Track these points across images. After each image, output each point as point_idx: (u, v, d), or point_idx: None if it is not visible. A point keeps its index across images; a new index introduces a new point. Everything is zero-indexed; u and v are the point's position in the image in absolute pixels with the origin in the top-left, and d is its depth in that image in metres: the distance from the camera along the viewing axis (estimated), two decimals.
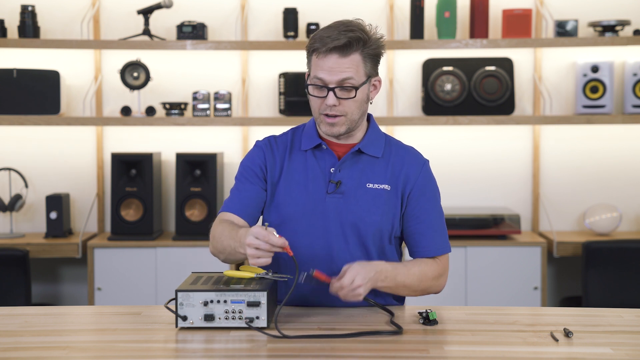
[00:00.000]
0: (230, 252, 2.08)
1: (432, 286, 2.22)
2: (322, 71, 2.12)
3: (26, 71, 4.17)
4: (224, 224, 2.16)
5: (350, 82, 2.13)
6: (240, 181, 2.28)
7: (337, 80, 2.12)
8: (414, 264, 2.20)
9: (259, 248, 1.93)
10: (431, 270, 2.21)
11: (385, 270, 2.10)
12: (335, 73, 2.12)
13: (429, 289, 2.22)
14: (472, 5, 4.23)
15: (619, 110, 4.37)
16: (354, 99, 2.15)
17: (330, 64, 2.11)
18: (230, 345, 1.88)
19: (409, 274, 2.15)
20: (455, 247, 4.04)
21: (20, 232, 4.29)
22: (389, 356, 1.81)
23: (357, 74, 2.13)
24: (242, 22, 4.31)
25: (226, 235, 2.10)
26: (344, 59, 2.11)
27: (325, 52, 2.11)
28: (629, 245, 3.88)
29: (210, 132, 4.41)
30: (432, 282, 2.21)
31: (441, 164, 4.30)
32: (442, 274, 2.24)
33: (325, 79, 2.13)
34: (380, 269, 2.09)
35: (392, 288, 2.14)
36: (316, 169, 2.24)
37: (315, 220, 2.21)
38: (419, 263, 2.21)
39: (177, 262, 4.03)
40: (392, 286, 2.14)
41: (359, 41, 2.12)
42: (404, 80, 4.42)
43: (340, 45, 2.10)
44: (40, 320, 2.09)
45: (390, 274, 2.11)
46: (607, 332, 2.00)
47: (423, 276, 2.18)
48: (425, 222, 2.24)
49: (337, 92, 2.13)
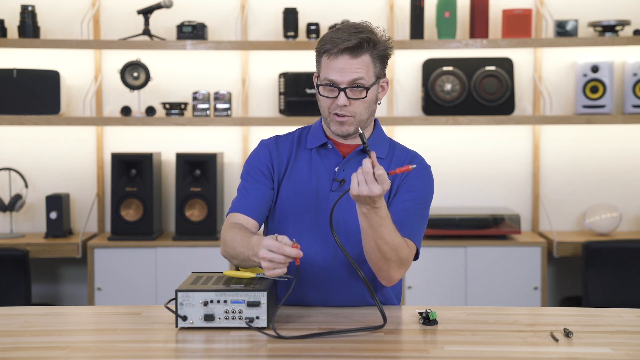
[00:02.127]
0: (244, 259, 2.07)
1: (393, 264, 2.12)
2: (333, 72, 2.14)
3: (26, 71, 4.18)
4: (235, 229, 2.14)
5: (360, 83, 2.14)
6: (247, 180, 2.28)
7: (348, 81, 2.13)
8: (399, 235, 2.11)
9: (273, 260, 1.92)
10: (406, 251, 2.13)
11: (385, 210, 2.03)
12: (346, 74, 2.13)
13: (389, 264, 2.11)
14: (472, 5, 4.23)
15: (619, 110, 4.37)
16: (364, 99, 2.16)
17: (341, 65, 2.13)
18: (230, 345, 1.88)
19: (392, 234, 2.07)
20: (455, 247, 4.05)
21: (20, 232, 4.29)
22: (389, 356, 1.81)
23: (367, 74, 2.15)
24: (242, 22, 4.31)
25: (238, 242, 2.09)
26: (355, 60, 2.13)
27: (336, 53, 2.13)
28: (629, 245, 3.88)
29: (210, 132, 4.41)
30: (397, 260, 2.11)
31: (441, 164, 4.31)
32: (405, 263, 2.15)
33: (336, 79, 2.14)
34: (383, 206, 2.02)
35: (373, 226, 2.04)
36: (321, 167, 2.25)
37: (318, 217, 2.21)
38: (401, 238, 2.12)
39: (177, 262, 4.03)
40: (375, 225, 2.04)
41: (369, 42, 2.13)
42: (404, 80, 4.42)
43: (351, 46, 2.11)
44: (40, 320, 2.09)
45: (384, 216, 2.03)
46: (607, 332, 2.00)
47: (398, 248, 2.10)
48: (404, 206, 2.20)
49: (347, 93, 2.14)
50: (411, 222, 2.20)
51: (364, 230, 2.08)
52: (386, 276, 2.16)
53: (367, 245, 2.10)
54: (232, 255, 2.14)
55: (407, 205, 2.21)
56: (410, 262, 2.19)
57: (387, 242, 2.07)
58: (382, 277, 2.17)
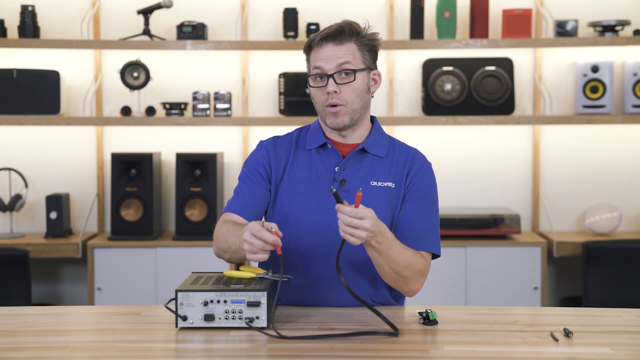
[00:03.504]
0: (235, 250, 2.08)
1: (411, 280, 2.15)
2: (319, 61, 2.18)
3: (26, 71, 4.18)
4: (228, 224, 2.17)
5: (347, 67, 2.17)
6: (244, 182, 2.29)
7: (335, 66, 2.17)
8: (408, 250, 2.13)
9: (252, 244, 1.93)
10: (420, 263, 2.15)
11: (387, 236, 2.04)
12: (332, 60, 2.17)
13: (406, 281, 2.14)
14: (472, 5, 4.23)
15: (619, 110, 4.37)
16: (354, 86, 2.18)
17: (327, 53, 2.18)
18: (230, 345, 1.88)
19: (402, 253, 2.09)
20: (455, 247, 4.04)
21: (20, 232, 4.29)
22: (389, 356, 1.81)
23: (355, 60, 2.19)
24: (242, 22, 4.31)
25: (230, 234, 2.11)
26: (340, 46, 2.18)
27: (319, 42, 2.18)
28: (629, 245, 3.88)
29: (210, 132, 4.41)
30: (414, 275, 2.14)
31: (441, 164, 4.30)
32: (424, 274, 2.18)
33: (323, 66, 2.18)
34: (386, 232, 2.03)
35: (381, 254, 2.05)
36: (320, 167, 2.26)
37: (319, 217, 2.21)
38: (413, 252, 2.15)
39: (177, 262, 4.03)
40: (383, 252, 2.05)
41: (351, 29, 2.18)
42: (404, 80, 4.42)
43: (332, 32, 2.17)
44: (40, 320, 2.09)
45: (388, 242, 2.04)
46: (607, 332, 1.99)
47: (412, 264, 2.12)
48: (415, 215, 2.22)
49: (336, 78, 2.17)
50: (425, 231, 2.21)
51: (374, 259, 2.09)
52: (407, 291, 2.20)
53: (381, 270, 2.13)
54: (223, 249, 2.15)
55: (418, 215, 2.22)
56: (428, 270, 2.21)
57: (400, 263, 2.10)
58: (404, 292, 2.22)
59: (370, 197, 2.21)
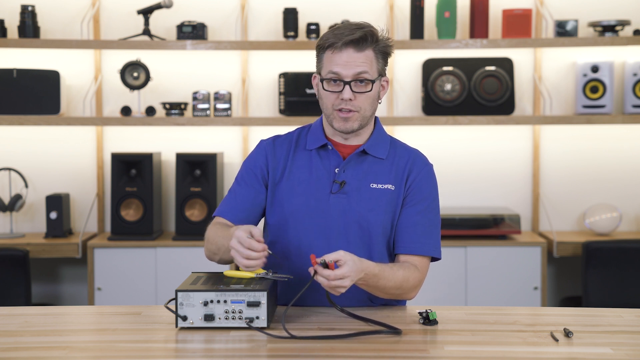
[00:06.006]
0: (225, 251, 2.10)
1: (405, 294, 2.20)
2: (337, 65, 2.15)
3: (26, 71, 4.17)
4: (217, 225, 2.20)
5: (365, 77, 2.15)
6: (239, 184, 2.29)
7: (353, 74, 2.14)
8: (400, 268, 2.16)
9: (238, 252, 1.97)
10: (413, 277, 2.17)
11: (371, 274, 2.06)
12: (350, 67, 2.14)
13: (401, 295, 2.20)
14: (472, 5, 4.23)
15: (619, 110, 4.37)
16: (368, 94, 2.17)
17: (345, 58, 2.14)
18: (230, 345, 1.88)
19: (392, 278, 2.12)
20: (455, 247, 4.04)
21: (20, 232, 4.29)
22: (389, 356, 1.81)
23: (371, 69, 2.16)
24: (242, 22, 4.31)
25: (220, 235, 2.13)
26: (359, 53, 2.14)
27: (340, 47, 2.14)
28: (629, 245, 3.88)
29: (210, 132, 4.41)
30: (408, 290, 2.18)
31: (441, 164, 4.30)
32: (418, 285, 2.21)
33: (341, 72, 2.15)
34: (369, 271, 2.05)
35: (371, 287, 2.11)
36: (320, 168, 2.25)
37: (318, 219, 2.21)
38: (405, 268, 2.17)
39: (177, 262, 4.03)
40: (372, 287, 2.11)
41: (372, 36, 2.16)
42: (404, 80, 4.42)
43: (355, 38, 2.13)
44: (40, 320, 2.09)
45: (375, 278, 2.07)
46: (607, 332, 2.00)
47: (404, 282, 2.15)
48: (415, 219, 2.23)
49: (352, 86, 2.15)
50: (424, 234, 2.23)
51: (367, 289, 2.13)
52: (405, 299, 2.27)
53: (377, 295, 2.18)
54: (213, 251, 2.18)
55: (418, 219, 2.24)
56: (424, 278, 2.24)
57: (391, 287, 2.13)
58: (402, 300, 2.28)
59: (369, 199, 2.21)
